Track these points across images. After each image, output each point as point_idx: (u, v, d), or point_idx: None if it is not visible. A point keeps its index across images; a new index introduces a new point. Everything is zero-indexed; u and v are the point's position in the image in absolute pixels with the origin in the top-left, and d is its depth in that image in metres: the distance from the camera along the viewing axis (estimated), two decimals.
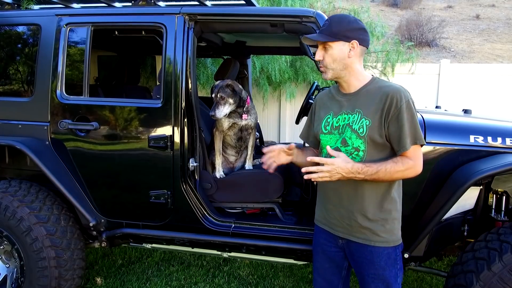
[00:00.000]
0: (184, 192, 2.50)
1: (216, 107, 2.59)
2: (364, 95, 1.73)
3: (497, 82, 6.10)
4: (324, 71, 1.76)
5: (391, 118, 1.65)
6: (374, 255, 1.73)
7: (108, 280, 3.20)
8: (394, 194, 1.75)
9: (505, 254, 1.89)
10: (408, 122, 1.64)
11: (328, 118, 1.80)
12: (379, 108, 1.66)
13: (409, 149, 1.65)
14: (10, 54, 2.83)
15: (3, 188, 2.56)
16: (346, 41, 1.69)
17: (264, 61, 5.58)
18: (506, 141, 2.19)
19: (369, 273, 1.75)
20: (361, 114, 1.70)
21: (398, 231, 1.78)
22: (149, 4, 2.66)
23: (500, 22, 13.37)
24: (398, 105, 1.64)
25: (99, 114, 2.55)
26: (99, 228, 2.66)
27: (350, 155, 1.70)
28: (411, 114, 1.65)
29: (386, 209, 1.73)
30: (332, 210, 1.82)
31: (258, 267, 3.45)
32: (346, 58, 1.71)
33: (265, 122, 6.47)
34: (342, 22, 1.71)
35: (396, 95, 1.65)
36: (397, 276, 1.78)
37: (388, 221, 1.74)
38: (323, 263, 1.92)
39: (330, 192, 1.81)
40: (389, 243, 1.74)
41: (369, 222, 1.72)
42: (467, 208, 2.31)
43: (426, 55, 10.83)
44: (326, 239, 1.88)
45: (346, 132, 1.72)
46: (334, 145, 1.75)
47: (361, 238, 1.75)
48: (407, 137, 1.64)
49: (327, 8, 6.58)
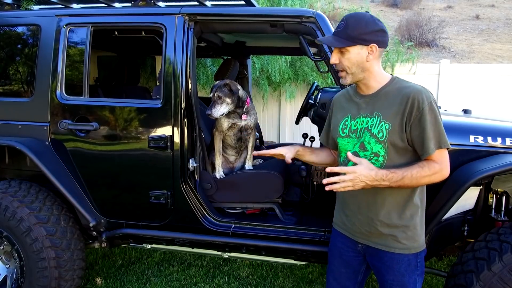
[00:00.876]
0: (184, 193, 2.49)
1: (213, 106, 2.59)
2: (383, 96, 1.65)
3: (497, 82, 6.10)
4: (343, 76, 1.67)
5: (413, 121, 1.56)
6: (394, 262, 1.68)
7: (108, 280, 3.20)
8: (416, 200, 1.67)
9: (505, 254, 1.89)
10: (432, 125, 1.56)
11: (346, 120, 1.73)
12: (400, 111, 1.57)
13: (433, 153, 1.57)
14: (10, 54, 2.83)
15: (3, 188, 2.56)
16: (364, 44, 1.59)
17: (264, 61, 5.58)
18: (506, 141, 2.19)
19: (388, 278, 1.70)
20: (380, 117, 1.61)
21: (420, 237, 1.71)
22: (149, 5, 2.66)
23: (499, 22, 13.38)
24: (420, 107, 1.55)
25: (99, 115, 2.55)
26: (99, 228, 2.66)
27: (369, 160, 1.62)
28: (435, 116, 1.56)
29: (407, 216, 1.66)
30: (351, 216, 1.76)
31: (258, 267, 3.45)
32: (365, 62, 1.62)
33: (265, 122, 6.47)
34: (359, 24, 1.59)
35: (418, 96, 1.55)
36: (416, 282, 1.72)
37: (409, 228, 1.67)
38: (339, 267, 1.86)
39: (348, 198, 1.75)
40: (410, 250, 1.68)
41: (389, 229, 1.66)
42: (467, 208, 2.31)
43: (426, 55, 10.83)
44: (344, 244, 1.83)
45: (364, 136, 1.64)
46: (352, 149, 1.68)
47: (381, 244, 1.69)
48: (430, 141, 1.56)
49: (327, 8, 6.59)
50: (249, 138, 2.84)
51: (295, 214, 2.74)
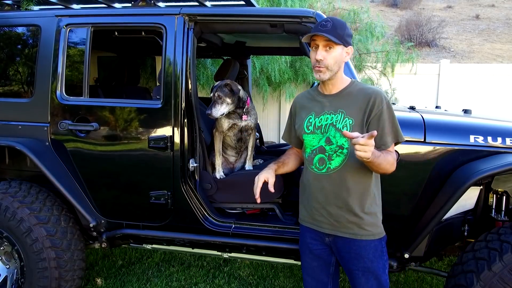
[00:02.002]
0: (184, 193, 2.49)
1: (213, 106, 2.59)
2: (346, 96, 1.83)
3: (497, 82, 6.11)
4: (322, 71, 1.79)
5: (373, 118, 1.76)
6: (362, 249, 1.81)
7: (108, 281, 3.20)
8: (373, 189, 1.84)
9: (505, 254, 1.89)
10: (389, 122, 1.77)
11: (310, 118, 1.88)
12: (362, 108, 1.78)
13: (389, 146, 1.78)
14: (10, 55, 2.83)
15: (3, 189, 2.56)
16: (345, 45, 1.79)
17: (264, 62, 5.58)
18: (506, 141, 2.19)
19: (358, 267, 1.82)
20: (344, 114, 1.79)
21: (380, 223, 1.87)
22: (148, 5, 2.66)
23: (499, 22, 13.38)
24: (380, 106, 1.76)
25: (99, 115, 2.55)
26: (99, 228, 2.66)
27: (334, 152, 1.80)
28: (392, 114, 1.79)
29: (368, 204, 1.82)
30: (319, 209, 1.87)
31: (258, 268, 3.45)
32: (342, 62, 1.81)
33: (265, 122, 6.48)
34: (343, 26, 1.77)
35: (378, 97, 1.77)
36: (385, 268, 1.86)
37: (371, 215, 1.82)
38: (311, 262, 1.96)
39: (316, 191, 1.86)
40: (375, 236, 1.83)
41: (355, 217, 1.80)
42: (467, 208, 2.31)
43: (426, 55, 10.83)
44: (312, 238, 1.93)
45: (330, 131, 1.81)
46: (317, 144, 1.83)
47: (348, 233, 1.82)
48: (388, 135, 1.78)
49: (326, 8, 6.59)
50: (249, 139, 2.84)
51: (296, 214, 2.74)
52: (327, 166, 1.81)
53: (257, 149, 3.44)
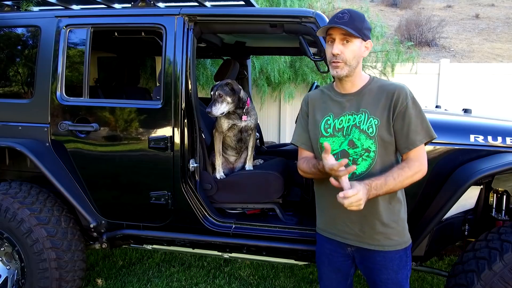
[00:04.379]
0: (184, 193, 2.49)
1: (213, 104, 2.59)
2: (367, 94, 1.69)
3: (497, 82, 6.10)
4: (340, 67, 1.64)
5: (397, 115, 1.62)
6: (387, 260, 1.70)
7: (109, 281, 3.20)
8: (399, 195, 1.72)
9: (506, 253, 1.89)
10: (417, 118, 1.62)
11: (327, 120, 1.73)
12: (387, 106, 1.63)
13: (418, 145, 1.62)
14: (10, 56, 2.83)
15: (4, 190, 2.56)
16: (364, 39, 1.65)
17: (264, 62, 5.58)
18: (506, 141, 2.19)
19: (382, 278, 1.71)
20: (368, 113, 1.65)
21: (407, 231, 1.75)
22: (148, 5, 2.66)
23: (499, 21, 13.37)
24: (404, 102, 1.62)
25: (99, 116, 2.55)
26: (99, 229, 2.66)
27: (360, 156, 1.64)
28: (419, 109, 1.64)
29: (395, 210, 1.70)
30: (340, 217, 1.72)
31: (259, 268, 3.45)
32: (361, 56, 1.67)
33: (265, 122, 6.48)
34: (361, 19, 1.63)
35: (401, 92, 1.64)
36: (407, 277, 1.75)
37: (398, 223, 1.70)
38: (330, 275, 1.85)
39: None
40: (401, 245, 1.71)
41: (383, 226, 1.67)
42: (468, 207, 2.31)
43: (426, 55, 10.83)
44: (332, 249, 1.81)
45: (353, 133, 1.66)
46: (339, 148, 1.68)
47: (374, 244, 1.70)
48: (418, 133, 1.62)
49: (326, 8, 6.59)
50: (249, 139, 2.84)
51: (296, 214, 2.74)
52: (352, 172, 1.59)
53: (257, 149, 3.44)
